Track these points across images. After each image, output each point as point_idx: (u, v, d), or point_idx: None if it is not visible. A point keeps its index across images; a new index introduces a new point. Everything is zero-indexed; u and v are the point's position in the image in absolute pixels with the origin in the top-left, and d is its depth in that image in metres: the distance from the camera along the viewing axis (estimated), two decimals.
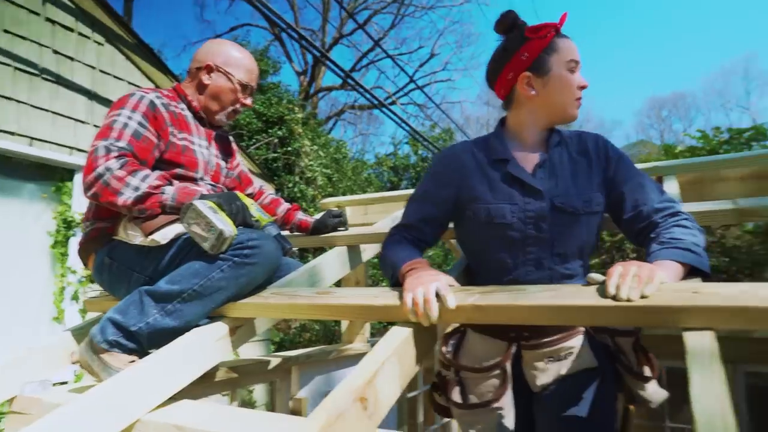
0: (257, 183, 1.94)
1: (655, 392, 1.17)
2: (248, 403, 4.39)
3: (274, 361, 2.08)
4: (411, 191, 2.62)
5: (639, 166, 2.02)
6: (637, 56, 42.62)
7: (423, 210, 1.31)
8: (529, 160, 1.24)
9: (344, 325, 2.98)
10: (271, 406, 2.55)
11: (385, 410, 0.92)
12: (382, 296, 1.13)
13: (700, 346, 0.78)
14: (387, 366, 0.95)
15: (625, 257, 6.97)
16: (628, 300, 0.87)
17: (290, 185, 6.68)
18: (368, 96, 7.03)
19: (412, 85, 14.49)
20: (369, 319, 1.20)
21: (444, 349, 1.29)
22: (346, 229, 1.96)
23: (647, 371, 1.16)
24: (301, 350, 2.41)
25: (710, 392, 0.68)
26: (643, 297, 0.87)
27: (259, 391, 4.70)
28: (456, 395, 1.23)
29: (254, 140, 7.07)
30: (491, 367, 1.19)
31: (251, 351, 4.71)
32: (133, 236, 1.35)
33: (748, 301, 0.79)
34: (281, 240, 1.45)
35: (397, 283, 1.17)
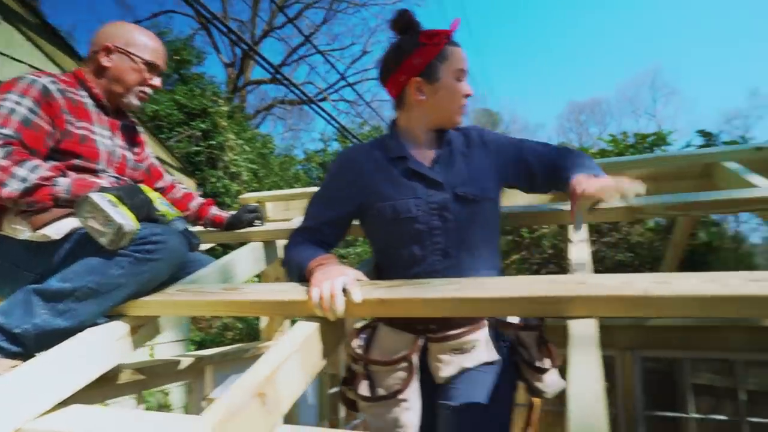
0: (170, 177, 1.85)
1: (552, 383, 1.22)
2: (164, 406, 4.20)
3: (186, 361, 2.00)
4: None
5: None
6: (560, 62, 44.97)
7: (324, 213, 1.33)
8: (424, 157, 1.29)
9: (264, 322, 2.91)
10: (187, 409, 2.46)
11: (287, 406, 0.91)
12: (291, 291, 1.12)
13: (582, 333, 0.83)
14: (290, 361, 0.94)
15: (543, 253, 7.34)
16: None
17: (213, 180, 6.45)
18: (298, 91, 6.92)
19: (343, 82, 14.40)
20: (277, 314, 1.18)
21: (355, 343, 1.29)
22: (263, 225, 1.92)
23: (547, 363, 1.22)
24: (216, 349, 2.33)
25: (587, 375, 0.72)
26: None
27: (177, 394, 4.52)
28: (364, 389, 1.24)
29: (175, 132, 6.76)
30: (398, 360, 1.21)
31: (170, 352, 4.51)
32: (20, 231, 1.25)
33: (625, 291, 0.85)
34: (189, 236, 1.39)
35: (304, 281, 1.16)
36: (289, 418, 3.20)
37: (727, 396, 5.53)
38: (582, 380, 0.71)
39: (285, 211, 2.72)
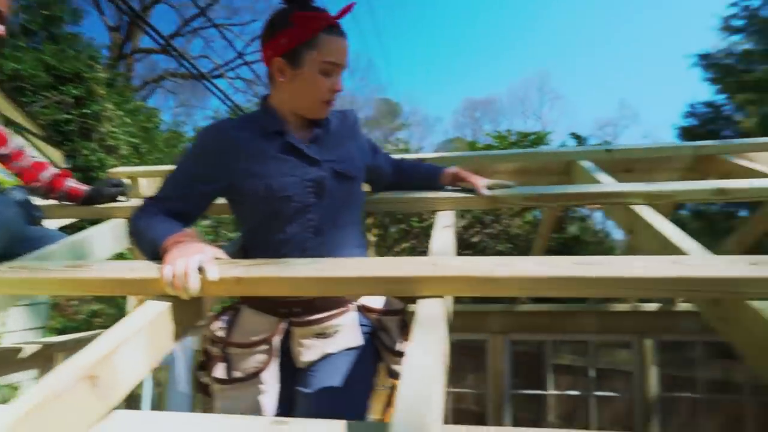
0: (17, 142, 1.66)
1: None
2: (9, 398, 3.79)
3: (31, 349, 1.81)
4: None
5: (429, 155, 2.20)
6: (458, 58, 46.69)
7: (187, 187, 1.22)
8: (301, 134, 1.26)
9: (131, 305, 2.73)
10: None
11: (124, 391, 0.85)
12: (141, 269, 1.04)
13: (429, 312, 0.86)
14: (132, 342, 0.87)
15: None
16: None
17: (86, 153, 5.85)
18: (189, 66, 6.50)
19: (241, 60, 13.80)
20: (126, 293, 1.10)
21: (215, 325, 1.24)
22: (128, 200, 1.78)
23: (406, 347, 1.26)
24: (69, 336, 2.14)
25: (425, 352, 0.75)
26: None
27: (30, 386, 4.09)
28: (219, 371, 1.20)
29: (40, 97, 6.01)
30: (258, 342, 1.18)
31: (22, 340, 4.07)
32: None
33: (471, 272, 0.90)
34: (29, 207, 1.26)
35: (158, 258, 1.08)
36: (157, 405, 3.03)
37: (581, 373, 6.18)
38: (419, 357, 0.73)
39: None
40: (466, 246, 7.84)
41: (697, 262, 0.90)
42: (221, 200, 1.30)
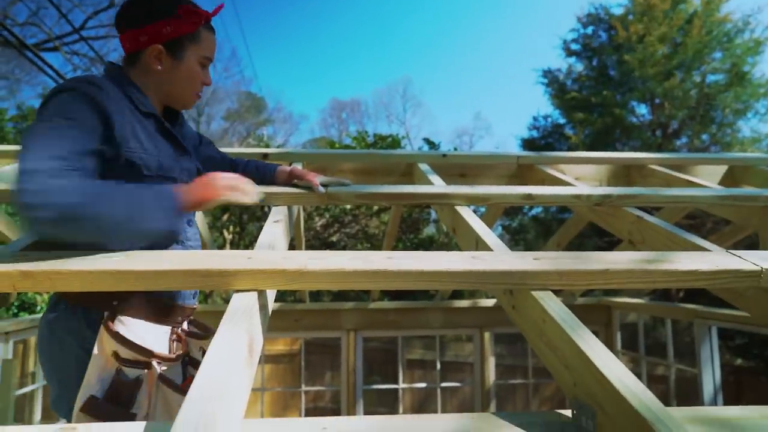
0: None
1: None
2: None
3: None
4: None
5: (274, 151, 2.17)
6: (325, 57, 46.78)
7: (81, 141, 0.96)
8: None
9: None
10: None
11: None
12: None
13: (241, 305, 0.84)
14: None
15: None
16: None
17: None
18: (7, 34, 5.65)
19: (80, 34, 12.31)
20: None
21: (129, 336, 1.06)
22: None
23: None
24: None
25: (226, 344, 0.73)
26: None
27: None
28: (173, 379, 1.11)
29: None
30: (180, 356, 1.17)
31: None
32: None
33: (285, 265, 0.90)
34: None
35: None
36: None
37: (431, 367, 6.56)
38: (219, 348, 0.71)
39: None
40: (325, 245, 7.90)
41: (492, 257, 1.00)
42: None
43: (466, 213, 1.43)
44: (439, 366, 4.86)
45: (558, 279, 0.92)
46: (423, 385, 6.50)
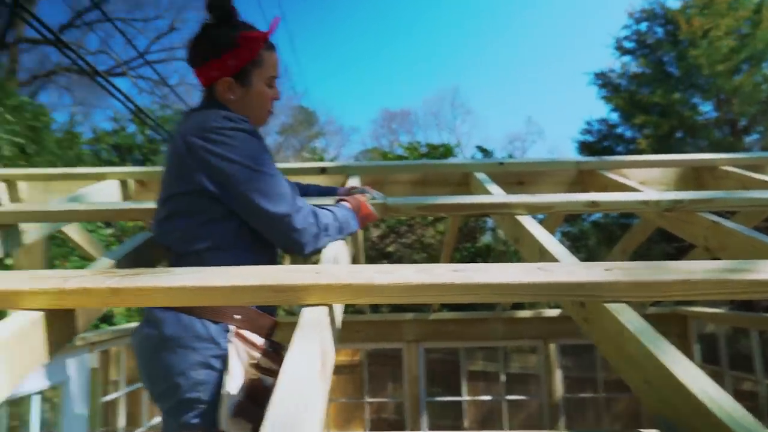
0: None
1: None
2: None
3: None
4: (111, 169, 2.35)
5: (331, 164, 2.21)
6: (376, 69, 47.36)
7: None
8: None
9: None
10: None
11: None
12: (4, 280, 0.96)
13: (312, 320, 0.87)
14: None
15: None
16: None
17: None
18: (81, 62, 6.07)
19: (145, 58, 13.07)
20: None
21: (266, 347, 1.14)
22: (1, 205, 1.64)
23: None
24: None
25: (303, 358, 0.75)
26: None
27: None
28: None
29: None
30: None
31: None
32: None
33: (353, 280, 0.92)
34: None
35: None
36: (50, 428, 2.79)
37: (494, 379, 6.41)
38: (295, 362, 0.74)
39: (44, 193, 2.37)
40: (382, 256, 7.94)
41: (561, 268, 0.98)
42: None
43: (528, 222, 1.41)
44: (503, 378, 4.75)
45: (632, 290, 0.89)
46: (488, 397, 6.36)
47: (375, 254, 7.70)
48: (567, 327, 4.11)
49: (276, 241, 1.19)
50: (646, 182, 2.21)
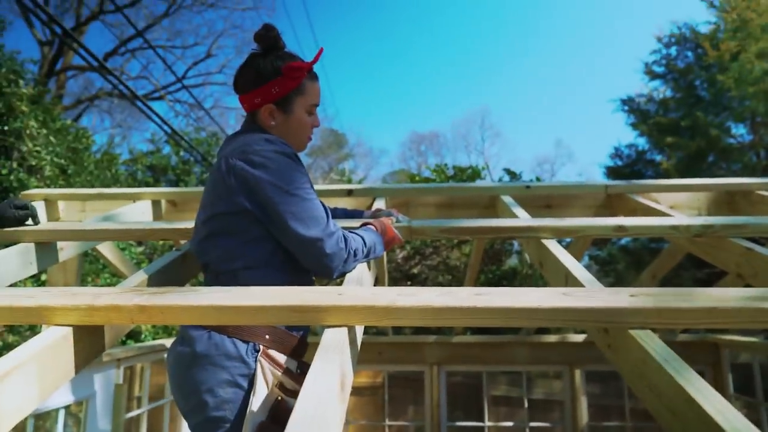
0: None
1: None
2: None
3: None
4: (145, 189, 2.42)
5: (358, 187, 2.24)
6: (404, 91, 47.82)
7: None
8: None
9: None
10: None
11: (11, 423, 0.81)
12: (38, 296, 1.00)
13: (333, 341, 0.87)
14: (20, 372, 0.83)
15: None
16: None
17: (4, 172, 5.49)
18: (123, 87, 6.32)
19: (183, 83, 13.51)
20: (19, 322, 1.05)
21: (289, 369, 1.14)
22: (36, 224, 1.70)
23: None
24: None
25: (322, 379, 0.76)
26: None
27: None
28: None
29: None
30: None
31: None
32: None
33: (374, 302, 0.93)
34: None
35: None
36: None
37: (517, 404, 6.27)
38: (314, 384, 0.74)
39: (80, 212, 2.45)
40: (407, 277, 7.90)
41: (585, 294, 0.96)
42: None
43: (554, 246, 1.39)
44: (526, 404, 4.64)
45: (658, 317, 0.87)
46: (510, 424, 6.21)
47: (399, 276, 7.67)
48: (593, 353, 4.01)
49: (306, 263, 1.21)
50: (676, 206, 2.17)
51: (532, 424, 4.69)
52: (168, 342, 3.54)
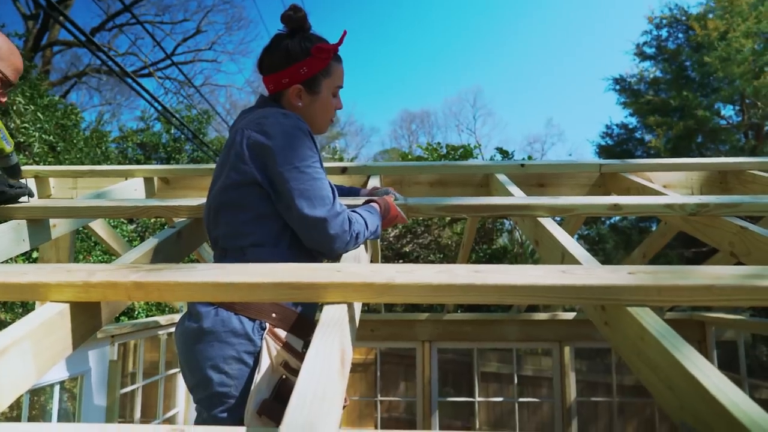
0: None
1: None
2: None
3: None
4: (137, 167, 2.39)
5: (352, 164, 2.22)
6: (395, 69, 47.31)
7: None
8: None
9: None
10: None
11: (6, 402, 0.80)
12: (31, 272, 0.99)
13: (332, 317, 0.87)
14: (16, 349, 0.83)
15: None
16: None
17: None
18: (111, 64, 6.19)
19: (172, 59, 13.28)
20: (13, 298, 1.04)
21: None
22: (29, 201, 1.68)
23: None
24: None
25: (323, 350, 0.76)
26: None
27: None
28: None
29: None
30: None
31: None
32: None
33: (373, 279, 0.92)
34: None
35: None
36: (70, 418, 2.84)
37: (506, 381, 6.37)
38: (315, 361, 0.74)
39: (71, 189, 2.42)
40: (398, 256, 7.94)
41: (583, 271, 0.97)
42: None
43: (550, 225, 1.39)
44: (516, 380, 4.72)
45: (657, 295, 0.88)
46: (500, 399, 6.33)
47: (391, 254, 7.70)
48: (582, 330, 4.08)
49: (307, 242, 1.20)
50: (669, 185, 2.18)
51: (522, 399, 4.77)
52: (161, 319, 3.54)
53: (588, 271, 0.96)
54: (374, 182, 2.04)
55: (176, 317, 3.65)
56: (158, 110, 7.90)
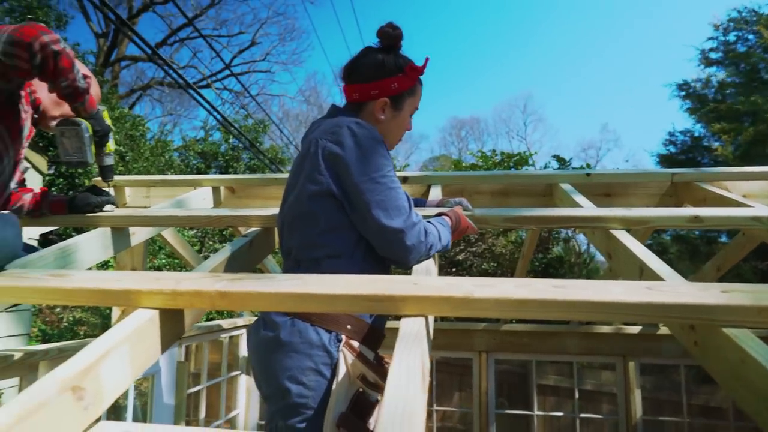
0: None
1: None
2: None
3: (14, 356, 1.79)
4: (205, 176, 2.50)
5: (414, 174, 2.23)
6: (443, 76, 47.19)
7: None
8: None
9: (116, 315, 2.70)
10: None
11: (108, 401, 0.85)
12: (125, 280, 1.05)
13: (411, 330, 0.87)
14: (116, 352, 0.88)
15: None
16: None
17: None
18: (175, 75, 6.50)
19: (228, 71, 13.79)
20: (109, 304, 1.10)
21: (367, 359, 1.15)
22: (113, 210, 1.79)
23: None
24: (52, 344, 2.12)
25: (407, 368, 0.77)
26: None
27: (12, 396, 4.02)
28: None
29: None
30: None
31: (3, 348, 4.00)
32: None
33: (451, 292, 0.92)
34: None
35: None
36: (141, 416, 2.99)
37: (566, 394, 6.16)
38: (401, 373, 0.75)
39: (145, 198, 2.55)
40: (452, 264, 7.87)
41: (671, 288, 0.93)
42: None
43: (625, 237, 1.35)
44: (577, 394, 4.56)
45: (757, 316, 0.83)
46: (560, 414, 6.13)
47: (444, 263, 7.64)
48: (648, 344, 3.90)
49: (383, 252, 1.20)
50: (749, 195, 2.05)
51: (583, 415, 4.61)
52: (224, 323, 3.66)
53: (675, 288, 0.92)
54: (435, 192, 2.03)
55: (238, 321, 3.76)
56: (218, 119, 8.22)
